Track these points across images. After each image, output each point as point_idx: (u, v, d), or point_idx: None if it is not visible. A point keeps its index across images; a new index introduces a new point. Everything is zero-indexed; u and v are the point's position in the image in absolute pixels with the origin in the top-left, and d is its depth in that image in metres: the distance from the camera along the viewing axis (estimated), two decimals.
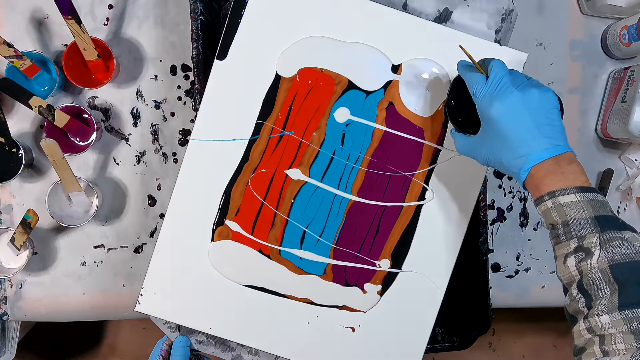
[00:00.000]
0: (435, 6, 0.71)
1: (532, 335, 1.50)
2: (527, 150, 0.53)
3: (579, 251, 0.48)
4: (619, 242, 0.47)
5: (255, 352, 0.73)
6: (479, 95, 0.56)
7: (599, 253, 0.47)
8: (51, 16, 0.78)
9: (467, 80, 0.58)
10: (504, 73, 0.56)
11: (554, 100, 0.55)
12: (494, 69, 0.56)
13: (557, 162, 0.52)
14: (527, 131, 0.53)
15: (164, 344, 0.71)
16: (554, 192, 0.51)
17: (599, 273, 0.47)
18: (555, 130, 0.54)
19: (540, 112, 0.54)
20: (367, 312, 0.70)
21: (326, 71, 0.68)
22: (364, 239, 0.69)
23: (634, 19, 0.76)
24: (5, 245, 0.75)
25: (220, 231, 0.68)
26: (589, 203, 0.49)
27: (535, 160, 0.52)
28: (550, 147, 0.52)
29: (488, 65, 0.58)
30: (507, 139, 0.54)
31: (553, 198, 0.51)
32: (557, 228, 0.50)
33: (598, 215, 0.49)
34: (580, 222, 0.49)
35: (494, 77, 0.55)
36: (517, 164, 0.53)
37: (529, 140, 0.53)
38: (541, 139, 0.53)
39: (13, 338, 0.83)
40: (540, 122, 0.53)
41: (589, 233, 0.48)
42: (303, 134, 0.68)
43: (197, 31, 0.70)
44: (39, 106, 0.69)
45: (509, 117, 0.54)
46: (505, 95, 0.54)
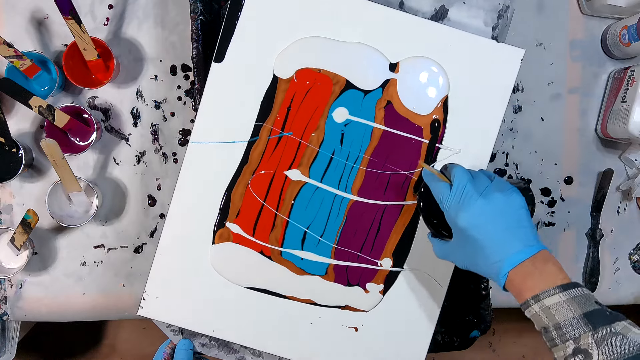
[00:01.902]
0: (431, 4, 0.71)
1: (532, 335, 1.50)
2: (501, 256, 0.53)
3: (578, 353, 0.49)
4: (614, 338, 0.47)
5: (259, 354, 0.73)
6: (445, 205, 0.57)
7: (597, 353, 0.47)
8: (51, 16, 0.78)
9: (433, 190, 0.59)
10: (466, 180, 0.56)
11: (519, 201, 0.55)
12: (455, 177, 0.57)
13: (534, 263, 0.52)
14: (498, 237, 0.54)
15: (167, 347, 0.71)
16: (537, 295, 0.51)
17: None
18: (525, 231, 0.54)
19: (508, 216, 0.54)
20: (370, 312, 0.70)
21: (324, 71, 0.68)
22: (365, 238, 0.69)
23: (634, 19, 0.76)
24: (5, 245, 0.75)
25: (221, 233, 0.68)
26: (574, 300, 0.50)
27: (511, 265, 0.53)
28: (523, 249, 0.53)
29: (450, 172, 0.58)
30: (479, 246, 0.54)
31: (538, 302, 0.51)
32: (549, 331, 0.51)
33: (586, 312, 0.49)
34: (571, 322, 0.49)
35: (457, 186, 0.56)
36: (494, 270, 0.54)
37: (501, 245, 0.53)
38: (513, 243, 0.53)
39: (13, 338, 0.83)
40: (509, 226, 0.54)
41: (583, 333, 0.48)
42: (302, 135, 0.68)
43: (197, 31, 0.70)
44: (39, 106, 0.69)
45: (478, 226, 0.54)
46: (470, 204, 0.55)
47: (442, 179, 0.59)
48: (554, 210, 0.83)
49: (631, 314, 0.49)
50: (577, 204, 0.84)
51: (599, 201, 0.83)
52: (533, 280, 0.52)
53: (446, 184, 0.58)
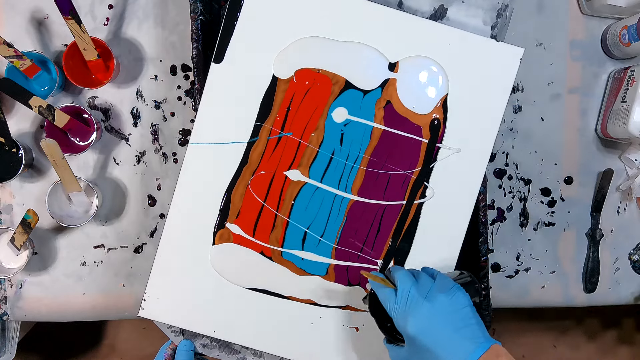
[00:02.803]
0: (430, 4, 0.71)
1: (532, 335, 1.50)
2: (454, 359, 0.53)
3: None
4: None
5: (260, 355, 0.73)
6: (392, 313, 0.57)
7: None
8: (51, 16, 0.78)
9: (380, 296, 0.59)
10: (410, 284, 0.56)
11: (463, 300, 0.56)
12: (399, 282, 0.57)
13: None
14: (447, 340, 0.54)
15: (168, 348, 0.71)
16: None
17: None
18: (472, 329, 0.54)
19: (454, 317, 0.55)
20: None
21: (323, 71, 0.68)
22: (366, 238, 0.69)
23: (634, 19, 0.76)
24: (5, 245, 0.75)
25: (221, 234, 0.68)
26: None
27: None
28: (475, 348, 0.53)
29: (393, 276, 0.59)
30: (431, 351, 0.54)
31: None
32: None
33: None
34: None
35: (402, 291, 0.56)
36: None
37: (452, 348, 0.53)
38: (462, 344, 0.53)
39: (13, 338, 0.83)
40: (456, 327, 0.54)
41: None
42: (302, 135, 0.68)
43: (197, 31, 0.70)
44: (39, 106, 0.70)
45: (425, 331, 0.54)
46: (416, 309, 0.55)
47: (387, 285, 0.59)
48: (554, 210, 0.83)
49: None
50: (577, 204, 0.84)
51: (599, 201, 0.83)
52: None
53: (391, 290, 0.58)
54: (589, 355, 1.51)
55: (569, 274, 0.84)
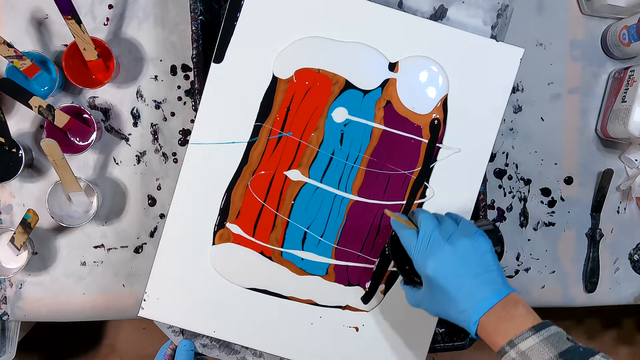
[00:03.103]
0: (430, 4, 0.71)
1: None
2: (470, 304, 0.53)
3: None
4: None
5: (260, 354, 0.73)
6: (413, 253, 0.57)
7: None
8: (51, 16, 0.78)
9: (401, 237, 0.59)
10: (432, 226, 0.56)
11: (485, 245, 0.55)
12: (422, 224, 0.57)
13: (504, 307, 0.52)
14: (466, 284, 0.54)
15: (168, 348, 0.71)
16: (512, 341, 0.51)
17: None
18: (492, 275, 0.54)
19: (475, 261, 0.54)
20: (371, 312, 0.70)
21: (323, 71, 0.68)
22: (366, 238, 0.69)
23: (634, 19, 0.76)
24: (5, 245, 0.75)
25: (221, 234, 0.68)
26: (548, 341, 0.50)
27: (481, 312, 0.52)
28: (492, 295, 0.53)
29: (417, 218, 0.58)
30: (448, 294, 0.54)
31: (514, 347, 0.50)
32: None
33: (561, 352, 0.49)
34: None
35: (424, 233, 0.56)
36: (464, 318, 0.53)
37: (470, 292, 0.53)
38: (481, 289, 0.53)
39: (13, 338, 0.83)
40: (477, 272, 0.54)
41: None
42: (302, 135, 0.68)
43: (197, 31, 0.70)
44: (39, 106, 0.70)
45: (445, 274, 0.54)
46: (437, 251, 0.55)
47: (410, 226, 0.59)
48: (554, 210, 0.83)
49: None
50: (577, 204, 0.84)
51: (599, 201, 0.83)
52: (505, 325, 0.51)
53: (413, 231, 0.58)
54: None
55: (569, 274, 0.84)
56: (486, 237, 0.56)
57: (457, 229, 0.57)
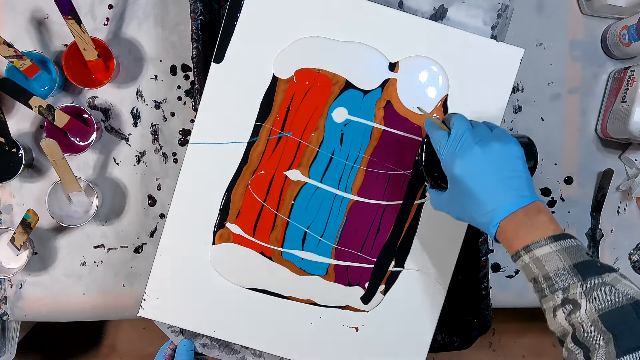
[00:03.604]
0: (430, 4, 0.71)
1: (532, 335, 1.50)
2: (494, 206, 0.53)
3: (566, 303, 0.48)
4: (602, 288, 0.47)
5: (260, 354, 0.73)
6: (442, 152, 0.56)
7: (586, 303, 0.47)
8: (51, 16, 0.78)
9: (432, 138, 0.58)
10: (465, 128, 0.56)
11: (516, 151, 0.55)
12: (454, 125, 0.56)
13: (526, 214, 0.52)
14: (491, 186, 0.53)
15: (168, 348, 0.71)
16: (528, 246, 0.50)
17: (590, 325, 0.46)
18: (520, 181, 0.53)
19: (503, 165, 0.54)
20: (371, 312, 0.70)
21: (323, 71, 0.68)
22: (365, 238, 0.69)
23: (634, 19, 0.76)
24: (5, 245, 0.75)
25: (221, 234, 0.68)
26: (564, 251, 0.49)
27: (503, 215, 0.52)
28: (517, 200, 0.52)
29: (450, 120, 0.58)
30: (472, 195, 0.54)
31: (529, 252, 0.50)
32: (539, 282, 0.50)
33: (576, 263, 0.48)
34: (560, 272, 0.49)
35: (455, 133, 0.55)
36: (486, 220, 0.53)
37: (494, 195, 0.53)
38: (506, 193, 0.53)
39: (13, 338, 0.83)
40: (504, 176, 0.53)
41: (572, 283, 0.48)
42: (302, 135, 0.68)
43: (197, 31, 0.70)
44: (39, 106, 0.69)
45: (472, 174, 0.54)
46: (466, 152, 0.54)
47: (443, 128, 0.58)
48: (554, 211, 0.83)
49: None
50: (577, 204, 0.84)
51: (599, 201, 0.83)
52: (525, 230, 0.51)
53: (445, 133, 0.57)
54: None
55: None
56: (518, 144, 0.55)
57: (491, 133, 0.56)
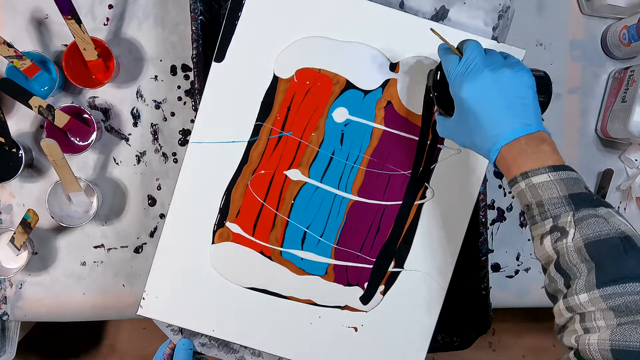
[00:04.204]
0: (432, 4, 0.71)
1: (532, 335, 1.50)
2: (497, 131, 0.52)
3: (555, 231, 0.48)
4: (594, 219, 0.46)
5: (259, 354, 0.73)
6: (451, 76, 0.55)
7: (574, 232, 0.46)
8: (51, 16, 0.78)
9: (443, 62, 0.57)
10: (477, 53, 0.55)
11: (527, 80, 0.53)
12: (467, 49, 0.55)
13: (528, 142, 0.51)
14: (497, 111, 0.52)
15: (167, 347, 0.71)
16: (526, 172, 0.50)
17: (574, 252, 0.46)
18: (527, 109, 0.52)
19: (512, 92, 0.52)
20: (370, 312, 0.70)
21: (324, 71, 0.68)
22: (365, 238, 0.69)
23: (634, 19, 0.76)
24: (5, 245, 0.75)
25: (220, 233, 0.68)
26: (562, 182, 0.49)
27: (504, 141, 0.51)
28: (520, 127, 0.51)
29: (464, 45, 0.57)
30: (478, 119, 0.53)
31: (526, 179, 0.50)
32: (532, 209, 0.50)
33: (572, 194, 0.48)
34: (554, 201, 0.48)
35: (467, 57, 0.55)
36: (488, 145, 0.52)
37: (499, 120, 0.52)
38: (511, 119, 0.52)
39: (13, 338, 0.83)
40: (511, 102, 0.52)
41: (564, 212, 0.47)
42: (302, 135, 0.68)
43: (197, 31, 0.70)
44: (39, 106, 0.69)
45: (479, 98, 0.53)
46: (476, 75, 0.53)
47: (456, 53, 0.57)
48: None
49: None
50: None
51: None
52: (525, 158, 0.50)
53: (457, 57, 0.56)
54: None
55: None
56: (531, 74, 0.54)
57: (504, 60, 0.55)
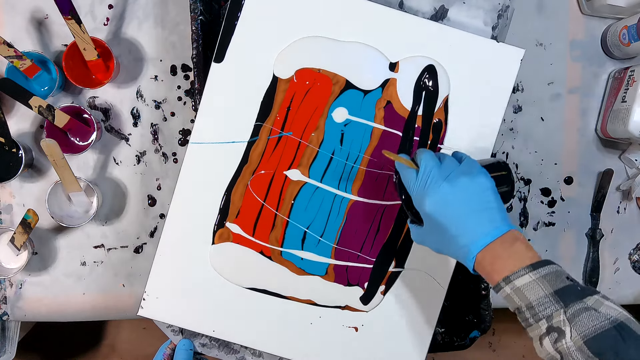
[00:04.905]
0: (431, 4, 0.71)
1: None
2: (468, 240, 0.53)
3: (551, 332, 0.48)
4: (585, 313, 0.47)
5: (259, 354, 0.73)
6: (412, 192, 0.57)
7: (570, 330, 0.47)
8: (51, 16, 0.78)
9: (402, 177, 0.59)
10: (432, 165, 0.56)
11: (485, 182, 0.55)
12: (422, 162, 0.57)
13: (502, 244, 0.52)
14: (464, 221, 0.53)
15: (167, 347, 0.71)
16: (508, 277, 0.51)
17: (577, 352, 0.47)
18: (491, 213, 0.54)
19: (473, 199, 0.54)
20: (370, 312, 0.70)
21: (323, 71, 0.68)
22: (365, 238, 0.69)
23: (634, 19, 0.76)
24: (5, 245, 0.75)
25: (220, 234, 0.68)
26: (544, 279, 0.49)
27: (478, 248, 0.52)
28: (490, 231, 0.52)
29: (418, 157, 0.58)
30: (446, 231, 0.54)
31: (509, 283, 0.50)
32: (522, 312, 0.51)
33: (557, 290, 0.49)
34: (542, 301, 0.49)
35: (423, 171, 0.56)
36: (462, 254, 0.53)
37: (467, 229, 0.53)
38: (479, 226, 0.53)
39: (13, 338, 0.83)
40: (475, 209, 0.53)
41: (555, 311, 0.48)
42: (302, 135, 0.68)
43: (197, 31, 0.70)
44: (39, 106, 0.69)
45: (442, 211, 0.54)
46: (435, 189, 0.54)
47: (411, 166, 0.58)
48: (554, 210, 0.83)
49: (631, 314, 0.49)
50: (577, 204, 0.84)
51: (599, 201, 0.83)
52: (502, 262, 0.51)
53: (413, 171, 0.57)
54: None
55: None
56: (487, 175, 0.55)
57: (458, 167, 0.56)
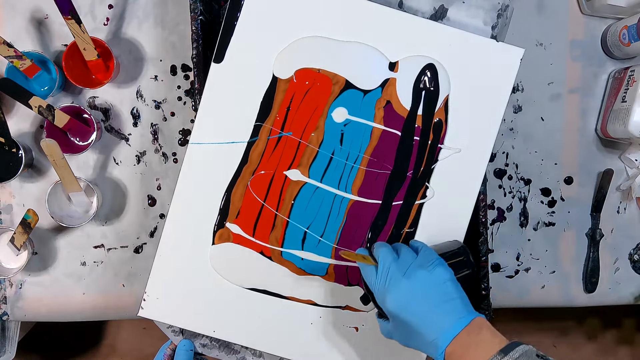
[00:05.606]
0: (431, 4, 0.71)
1: (532, 335, 1.50)
2: (434, 335, 0.53)
3: None
4: None
5: (260, 354, 0.73)
6: (373, 290, 0.57)
7: None
8: (51, 16, 0.78)
9: (364, 276, 0.59)
10: (390, 261, 0.56)
11: (444, 274, 0.55)
12: (379, 259, 0.57)
13: (469, 334, 0.52)
14: (426, 316, 0.53)
15: (168, 348, 0.71)
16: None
17: None
18: (453, 304, 0.54)
19: (433, 293, 0.54)
20: (371, 312, 0.70)
21: (323, 71, 0.68)
22: (365, 238, 0.69)
23: (634, 19, 0.76)
24: (5, 245, 0.75)
25: (221, 234, 0.68)
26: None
27: (445, 342, 0.52)
28: (455, 323, 0.52)
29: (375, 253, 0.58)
30: (411, 327, 0.54)
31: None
32: None
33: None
34: None
35: (381, 269, 0.56)
36: (432, 350, 0.53)
37: (431, 324, 0.53)
38: (442, 319, 0.53)
39: (13, 338, 0.83)
40: (436, 302, 0.54)
41: None
42: (302, 135, 0.68)
43: (197, 31, 0.70)
44: (39, 106, 0.70)
45: (404, 308, 0.54)
46: (395, 286, 0.55)
47: (369, 263, 0.58)
48: (554, 210, 0.83)
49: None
50: (577, 204, 0.84)
51: (599, 201, 0.83)
52: (472, 352, 0.51)
53: (372, 268, 0.58)
54: (589, 356, 1.51)
55: (569, 274, 0.84)
56: (444, 265, 0.56)
57: (415, 260, 0.57)
